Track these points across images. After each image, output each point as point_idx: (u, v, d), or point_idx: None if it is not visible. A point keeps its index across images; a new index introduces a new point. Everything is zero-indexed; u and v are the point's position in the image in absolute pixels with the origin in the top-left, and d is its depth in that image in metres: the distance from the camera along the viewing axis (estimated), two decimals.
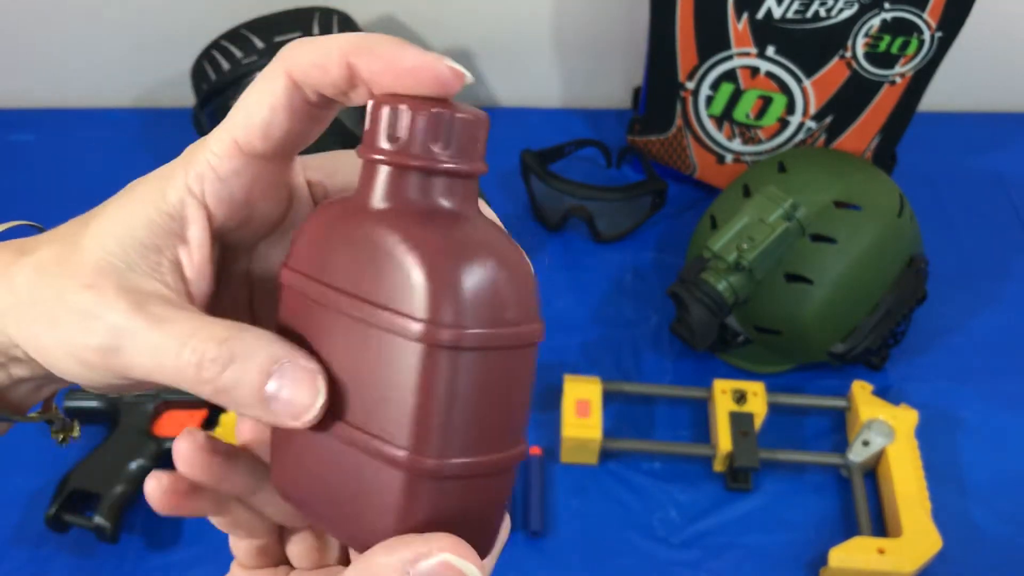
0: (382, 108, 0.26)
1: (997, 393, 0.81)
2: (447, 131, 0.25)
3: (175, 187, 0.28)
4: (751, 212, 0.74)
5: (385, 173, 0.26)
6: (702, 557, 0.71)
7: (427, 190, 0.26)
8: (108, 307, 0.27)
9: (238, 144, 0.28)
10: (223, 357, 0.26)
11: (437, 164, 0.25)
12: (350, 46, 0.26)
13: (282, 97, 0.27)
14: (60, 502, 0.69)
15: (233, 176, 0.28)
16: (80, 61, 1.05)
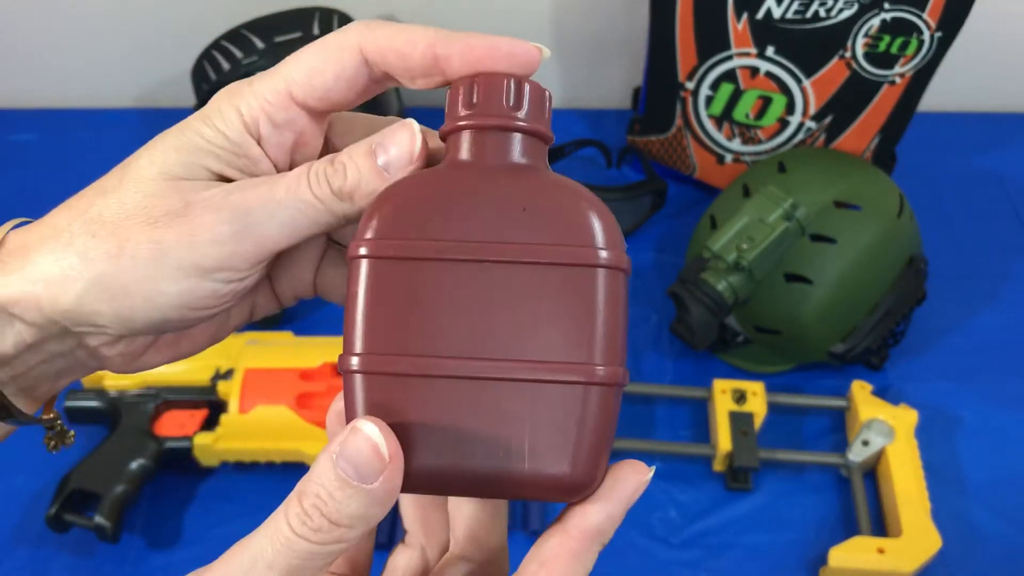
0: (464, 82, 0.28)
1: (997, 393, 0.81)
2: (519, 92, 0.28)
3: (232, 125, 0.29)
4: (751, 212, 0.74)
5: (485, 136, 0.29)
6: (702, 557, 0.71)
7: (520, 148, 0.29)
8: (219, 198, 0.28)
9: (294, 98, 0.29)
10: (339, 166, 0.29)
11: (509, 122, 0.28)
12: (438, 37, 0.28)
13: (349, 69, 0.29)
14: (60, 502, 0.69)
15: (286, 125, 0.30)
16: (80, 61, 1.05)
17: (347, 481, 0.26)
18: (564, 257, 0.27)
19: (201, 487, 0.75)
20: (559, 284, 0.27)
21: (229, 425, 0.74)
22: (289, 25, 0.90)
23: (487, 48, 0.28)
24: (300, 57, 0.29)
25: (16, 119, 1.06)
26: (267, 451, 0.73)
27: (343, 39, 0.29)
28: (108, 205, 0.28)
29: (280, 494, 0.29)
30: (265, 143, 0.30)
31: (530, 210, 0.27)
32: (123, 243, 0.28)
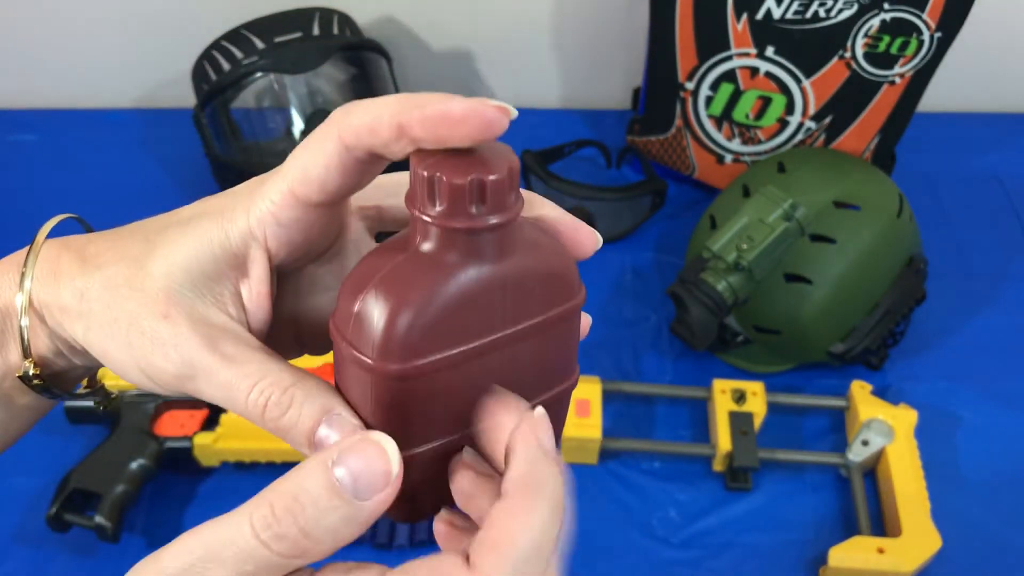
0: (422, 173, 0.28)
1: (996, 393, 0.81)
2: (481, 194, 0.27)
3: (238, 229, 0.31)
4: (751, 212, 0.74)
5: (435, 232, 0.28)
6: (702, 556, 0.71)
7: (470, 242, 0.28)
8: (184, 340, 0.30)
9: (296, 195, 0.30)
10: (284, 403, 0.29)
11: (477, 224, 0.28)
12: (399, 107, 0.28)
13: (334, 157, 0.29)
14: (61, 502, 0.69)
15: (293, 223, 0.31)
16: (80, 61, 1.05)
17: (338, 491, 0.26)
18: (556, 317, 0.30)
19: (201, 487, 0.75)
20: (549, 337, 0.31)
21: (229, 425, 0.74)
22: (289, 25, 0.90)
23: (440, 116, 0.27)
24: (296, 154, 0.30)
25: (16, 119, 1.06)
26: (267, 451, 0.73)
27: (325, 130, 0.30)
28: (121, 280, 0.31)
29: None
30: (270, 241, 0.31)
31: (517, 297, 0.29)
32: (114, 323, 0.31)
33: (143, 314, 0.30)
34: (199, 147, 0.91)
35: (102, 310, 0.31)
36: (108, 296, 0.31)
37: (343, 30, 0.92)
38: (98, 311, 0.31)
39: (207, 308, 0.31)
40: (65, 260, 0.32)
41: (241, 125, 0.90)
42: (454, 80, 1.07)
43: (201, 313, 0.31)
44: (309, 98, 0.89)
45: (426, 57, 1.04)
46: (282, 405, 0.29)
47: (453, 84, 1.07)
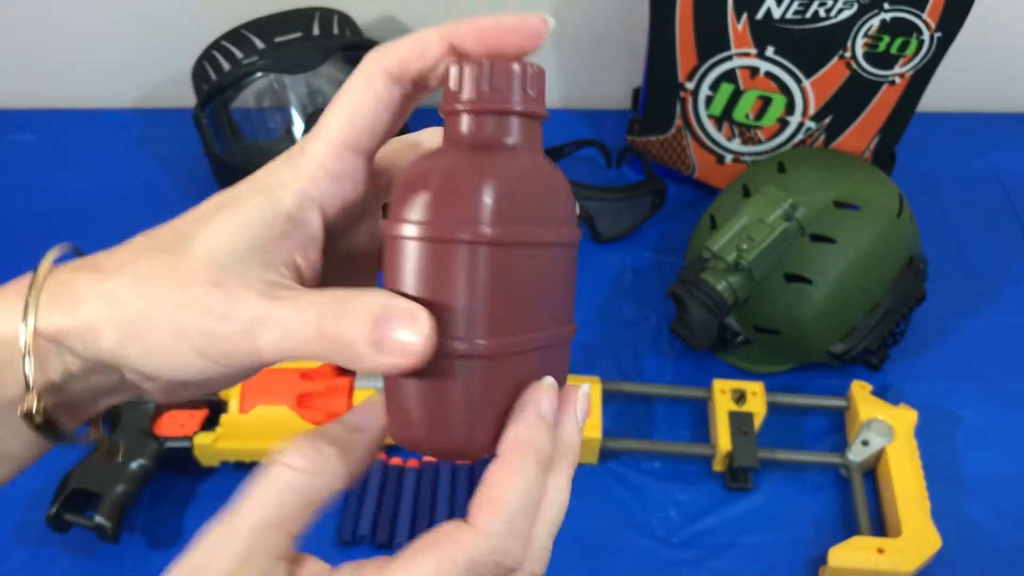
0: (450, 69, 0.30)
1: (996, 393, 0.81)
2: (532, 79, 0.31)
3: (290, 192, 0.31)
4: (750, 212, 0.74)
5: (463, 120, 0.30)
6: (702, 556, 0.71)
7: (491, 129, 0.31)
8: (239, 299, 0.29)
9: (347, 145, 0.31)
10: (337, 312, 0.28)
11: (510, 107, 0.30)
12: (447, 28, 0.30)
13: (384, 94, 0.31)
14: (61, 502, 0.69)
15: (344, 175, 0.31)
16: (80, 61, 1.05)
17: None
18: (452, 235, 0.29)
19: (201, 487, 0.75)
20: (452, 260, 0.29)
21: (229, 425, 0.74)
22: (289, 25, 0.90)
23: (495, 27, 0.30)
24: (334, 107, 0.31)
25: (16, 119, 1.06)
26: (267, 451, 0.73)
27: (364, 72, 0.31)
28: (157, 269, 0.30)
29: None
30: (324, 197, 0.31)
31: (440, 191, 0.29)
32: (155, 311, 0.29)
33: (191, 288, 0.29)
34: (199, 147, 0.91)
35: (139, 306, 0.29)
36: (143, 290, 0.29)
37: (343, 30, 0.92)
38: (134, 309, 0.29)
39: (258, 271, 0.30)
40: (80, 279, 0.30)
41: (241, 125, 0.91)
42: None
43: (253, 276, 0.29)
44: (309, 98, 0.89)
45: None
46: (335, 316, 0.28)
47: None
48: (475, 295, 0.29)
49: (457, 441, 0.30)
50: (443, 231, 0.29)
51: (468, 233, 0.28)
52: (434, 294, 0.29)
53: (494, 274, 0.29)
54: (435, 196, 0.29)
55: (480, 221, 0.28)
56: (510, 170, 0.30)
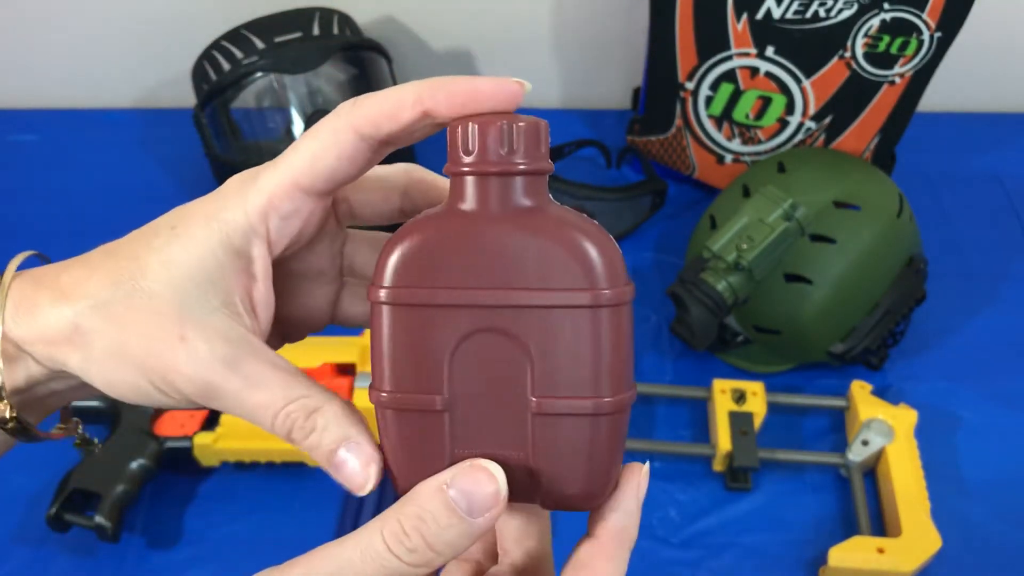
0: (469, 128, 0.30)
1: (996, 393, 0.81)
2: (535, 136, 0.30)
3: (238, 226, 0.31)
4: (750, 212, 0.74)
5: (485, 183, 0.30)
6: (702, 556, 0.71)
7: (521, 190, 0.30)
8: (204, 365, 0.30)
9: (300, 186, 0.31)
10: (307, 428, 0.31)
11: (534, 165, 0.30)
12: (421, 91, 0.30)
13: (349, 149, 0.31)
14: (61, 502, 0.69)
15: (293, 213, 0.32)
16: (80, 61, 1.05)
17: (455, 510, 0.29)
18: (562, 301, 0.29)
19: (201, 487, 0.75)
20: (557, 328, 0.30)
21: (229, 425, 0.74)
22: (289, 25, 0.90)
23: (469, 92, 0.30)
24: (298, 146, 0.31)
25: (16, 119, 1.07)
26: (267, 451, 0.73)
27: (335, 122, 0.31)
28: (118, 301, 0.30)
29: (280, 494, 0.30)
30: (272, 234, 0.32)
31: (530, 257, 0.30)
32: (121, 351, 0.30)
33: (157, 337, 0.30)
34: (199, 147, 0.91)
35: (105, 340, 0.30)
36: (108, 325, 0.30)
37: (343, 30, 0.92)
38: (100, 341, 0.30)
39: (222, 321, 0.31)
40: (41, 294, 0.31)
41: (241, 125, 0.90)
42: None
43: (217, 329, 0.30)
44: (309, 98, 0.89)
45: (426, 57, 1.04)
46: (305, 429, 0.31)
47: None
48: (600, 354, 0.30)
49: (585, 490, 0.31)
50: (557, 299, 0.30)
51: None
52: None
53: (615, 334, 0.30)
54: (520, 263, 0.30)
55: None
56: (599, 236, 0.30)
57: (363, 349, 0.77)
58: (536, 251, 0.29)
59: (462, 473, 0.29)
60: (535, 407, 0.30)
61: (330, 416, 0.31)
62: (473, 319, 0.30)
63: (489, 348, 0.30)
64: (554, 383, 0.30)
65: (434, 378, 0.30)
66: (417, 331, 0.30)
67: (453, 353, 0.30)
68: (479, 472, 0.29)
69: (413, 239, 0.30)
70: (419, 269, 0.30)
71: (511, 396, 0.30)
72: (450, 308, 0.30)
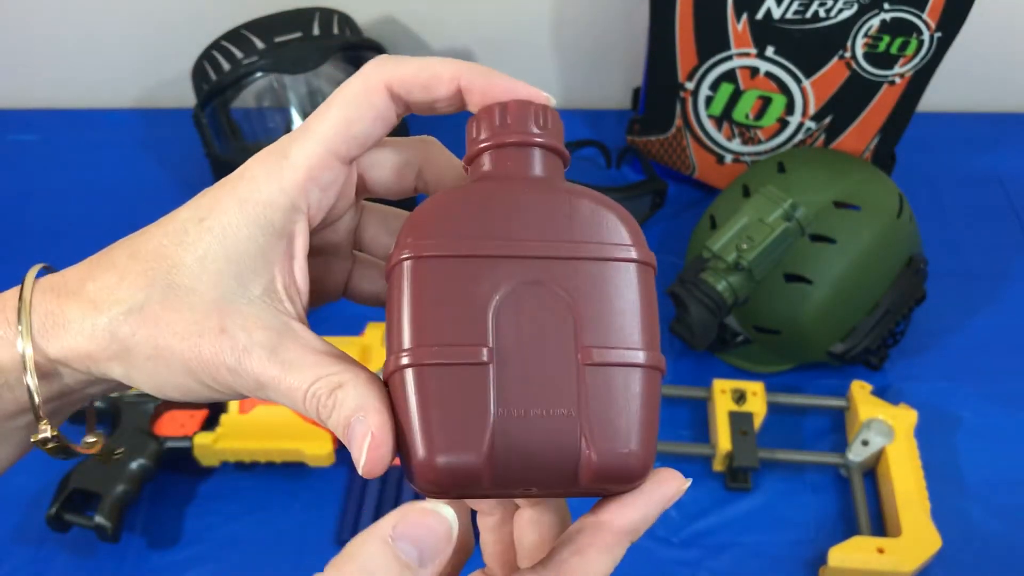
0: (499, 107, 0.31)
1: (996, 393, 0.81)
2: (558, 123, 0.32)
3: (279, 206, 0.30)
4: (750, 212, 0.74)
5: (522, 152, 0.31)
6: (702, 556, 0.71)
7: (545, 164, 0.31)
8: (246, 357, 0.29)
9: (336, 154, 0.30)
10: (329, 405, 0.29)
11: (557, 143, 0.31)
12: (460, 70, 0.30)
13: (384, 110, 0.30)
14: (61, 501, 0.69)
15: (332, 184, 0.31)
16: (80, 61, 1.05)
17: (407, 565, 0.26)
18: (605, 254, 0.30)
19: (201, 487, 0.75)
20: (602, 280, 0.29)
21: (229, 425, 0.74)
22: (289, 25, 0.90)
23: (506, 90, 0.30)
24: (328, 112, 0.30)
25: (16, 119, 1.06)
26: (267, 451, 0.73)
27: (367, 82, 0.30)
28: (152, 304, 0.29)
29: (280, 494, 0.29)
30: (312, 209, 0.31)
31: (565, 214, 0.29)
32: (162, 353, 0.29)
33: (196, 333, 0.29)
34: (199, 147, 0.91)
35: (145, 345, 0.29)
36: (146, 328, 0.29)
37: (343, 30, 0.92)
38: (140, 347, 0.29)
39: (262, 309, 0.30)
40: (70, 306, 0.30)
41: (241, 125, 0.90)
42: None
43: (258, 318, 0.29)
44: (309, 98, 0.89)
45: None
46: (328, 407, 0.29)
47: None
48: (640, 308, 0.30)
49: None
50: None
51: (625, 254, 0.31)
52: None
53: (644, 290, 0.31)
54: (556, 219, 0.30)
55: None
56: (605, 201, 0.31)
57: (364, 348, 0.77)
58: (576, 209, 0.29)
59: (407, 520, 0.27)
60: (585, 357, 0.28)
61: (350, 390, 0.29)
62: (516, 270, 0.28)
63: (533, 301, 0.28)
64: (604, 334, 0.29)
65: (478, 330, 0.28)
66: (456, 283, 0.28)
67: (498, 305, 0.28)
68: (427, 517, 0.27)
69: (446, 197, 0.29)
70: (453, 224, 0.29)
71: (558, 351, 0.28)
72: (491, 259, 0.28)
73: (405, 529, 0.27)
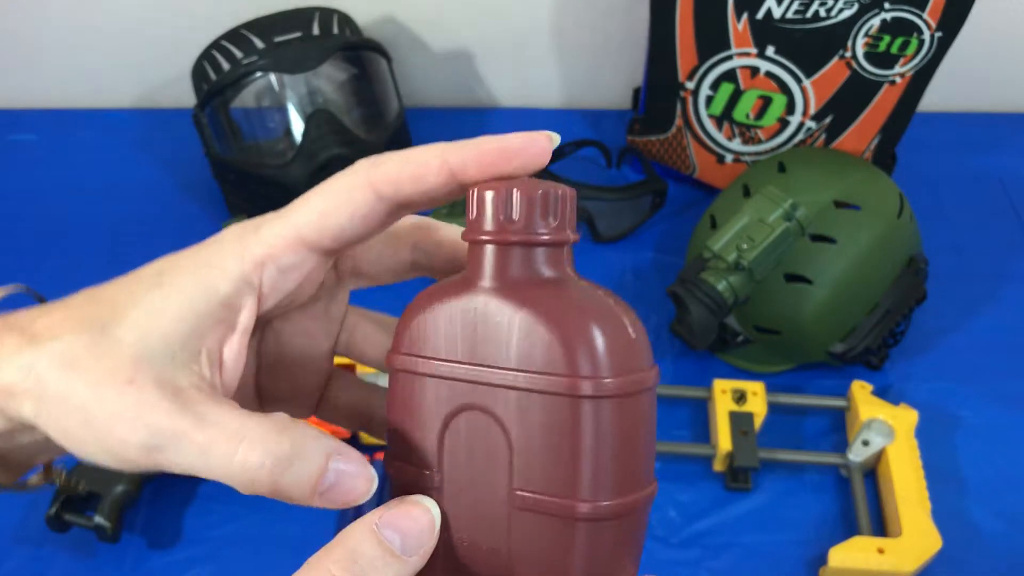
0: (486, 194, 0.28)
1: (997, 393, 0.81)
2: (551, 206, 0.28)
3: (230, 278, 0.29)
4: (751, 212, 0.74)
5: (498, 252, 0.28)
6: (702, 556, 0.71)
7: (537, 261, 0.29)
8: (150, 406, 0.27)
9: (304, 241, 0.29)
10: (282, 456, 0.27)
11: (546, 237, 0.28)
12: (448, 152, 0.28)
13: (363, 207, 0.29)
14: (61, 502, 0.69)
15: (292, 268, 0.30)
16: (80, 61, 1.05)
17: (390, 550, 0.27)
18: (546, 386, 0.27)
19: (201, 487, 0.75)
20: (546, 413, 0.27)
21: None
22: (289, 25, 0.90)
23: (499, 151, 0.28)
24: (308, 200, 0.29)
25: (16, 119, 1.06)
26: None
27: (352, 179, 0.29)
28: (80, 350, 0.28)
29: None
30: (265, 287, 0.30)
31: (523, 335, 0.27)
32: (70, 396, 0.28)
33: (104, 382, 0.27)
34: (199, 147, 0.91)
35: (56, 384, 0.28)
36: (62, 370, 0.28)
37: (343, 30, 0.92)
38: (51, 386, 0.28)
39: (177, 369, 0.28)
40: (9, 339, 0.28)
41: (241, 125, 0.90)
42: (454, 80, 1.07)
43: (170, 376, 0.28)
44: (309, 98, 0.89)
45: (426, 57, 1.04)
46: (280, 461, 0.27)
47: (453, 84, 1.07)
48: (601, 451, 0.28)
49: None
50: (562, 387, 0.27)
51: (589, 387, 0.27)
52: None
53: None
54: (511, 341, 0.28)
55: (598, 374, 0.27)
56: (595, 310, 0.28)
57: None
58: (526, 329, 0.27)
59: (393, 511, 0.28)
60: (513, 501, 0.28)
61: (301, 437, 0.28)
62: (459, 394, 0.28)
63: (478, 428, 0.28)
64: (532, 476, 0.27)
65: (428, 453, 0.29)
66: (415, 401, 0.29)
67: (445, 427, 0.29)
68: (412, 508, 0.28)
69: (418, 306, 0.29)
70: (421, 338, 0.29)
71: (495, 487, 0.28)
72: (440, 379, 0.29)
73: (390, 518, 0.28)
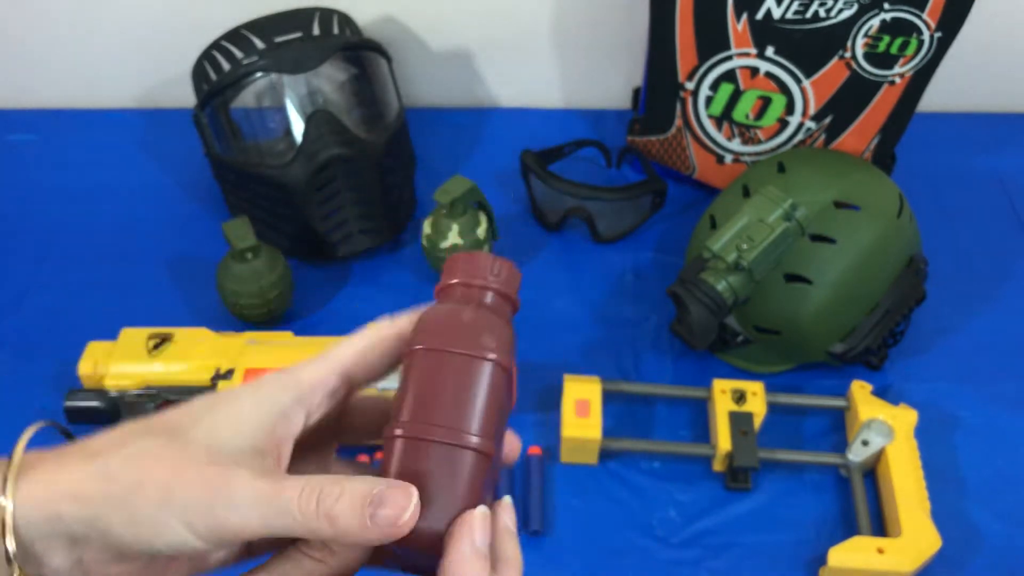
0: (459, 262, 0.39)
1: (996, 393, 0.81)
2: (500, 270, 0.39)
3: (290, 396, 0.35)
4: (751, 212, 0.74)
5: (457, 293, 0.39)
6: (702, 556, 0.71)
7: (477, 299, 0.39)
8: (235, 477, 0.32)
9: (345, 375, 0.37)
10: (335, 492, 0.32)
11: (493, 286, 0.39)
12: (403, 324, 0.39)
13: (390, 352, 0.38)
14: None
15: (332, 394, 0.37)
16: (80, 61, 1.05)
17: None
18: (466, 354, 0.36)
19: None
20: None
21: None
22: (289, 25, 0.90)
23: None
24: (351, 342, 0.37)
25: (16, 119, 1.06)
26: None
27: (387, 329, 0.38)
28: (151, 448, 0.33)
29: None
30: (312, 410, 0.36)
31: None
32: (148, 481, 0.32)
33: (184, 467, 0.32)
34: (199, 147, 0.91)
35: (130, 477, 0.32)
36: (136, 463, 0.32)
37: (343, 30, 0.92)
38: (125, 479, 0.32)
39: (250, 456, 0.33)
40: (70, 458, 0.33)
41: (241, 125, 0.90)
42: (454, 80, 1.07)
43: (244, 458, 0.33)
44: (309, 98, 0.89)
45: (426, 57, 1.04)
46: (332, 494, 0.32)
47: (453, 84, 1.07)
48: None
49: None
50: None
51: None
52: None
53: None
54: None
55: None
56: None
57: None
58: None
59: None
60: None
61: (351, 478, 0.33)
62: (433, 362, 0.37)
63: None
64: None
65: None
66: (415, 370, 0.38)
67: None
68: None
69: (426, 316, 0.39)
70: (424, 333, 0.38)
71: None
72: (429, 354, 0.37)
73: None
